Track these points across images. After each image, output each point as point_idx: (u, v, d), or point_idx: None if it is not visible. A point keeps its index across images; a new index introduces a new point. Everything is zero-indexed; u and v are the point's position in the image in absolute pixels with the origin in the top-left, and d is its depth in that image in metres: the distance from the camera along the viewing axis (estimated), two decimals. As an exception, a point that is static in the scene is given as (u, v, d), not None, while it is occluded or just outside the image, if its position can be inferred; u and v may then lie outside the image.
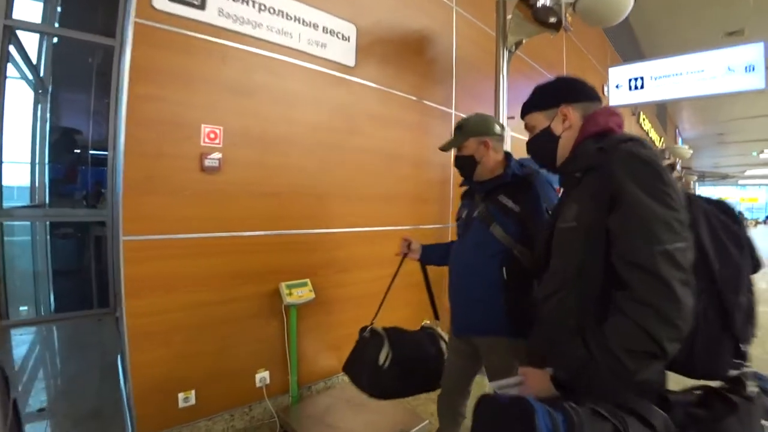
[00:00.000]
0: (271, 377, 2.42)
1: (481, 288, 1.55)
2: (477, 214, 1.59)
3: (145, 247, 1.95)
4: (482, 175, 1.62)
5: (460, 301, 1.66)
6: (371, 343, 1.86)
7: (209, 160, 2.11)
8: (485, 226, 1.53)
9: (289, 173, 2.47)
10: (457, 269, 1.67)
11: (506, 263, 1.49)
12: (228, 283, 2.22)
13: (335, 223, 2.73)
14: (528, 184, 1.52)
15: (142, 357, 1.96)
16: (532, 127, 1.20)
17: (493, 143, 1.60)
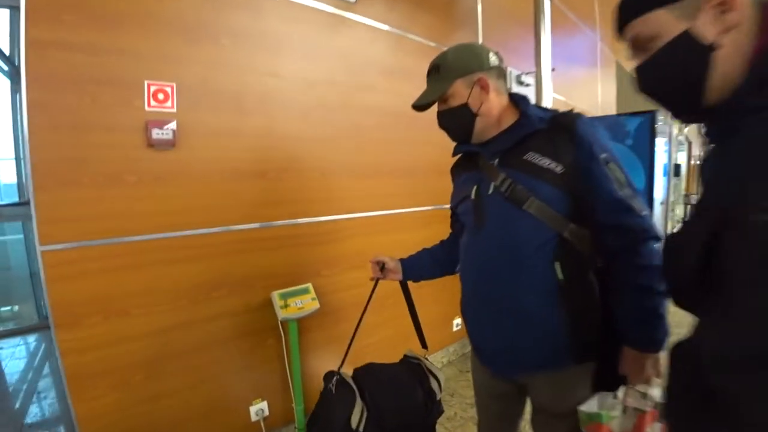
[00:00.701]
0: (271, 407, 1.90)
1: (524, 299, 1.01)
2: (495, 189, 1.03)
3: (73, 259, 1.39)
4: (486, 131, 1.07)
5: (488, 321, 1.10)
6: (340, 400, 1.39)
7: (159, 131, 1.52)
8: (515, 205, 0.99)
9: (277, 144, 1.86)
10: (478, 276, 1.11)
11: (559, 255, 0.97)
12: (200, 297, 1.66)
13: (341, 208, 2.13)
14: (567, 128, 0.97)
15: (89, 407, 1.45)
16: (650, 39, 0.61)
17: (492, 81, 1.04)
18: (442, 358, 2.84)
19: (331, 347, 2.13)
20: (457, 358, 2.99)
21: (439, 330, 2.77)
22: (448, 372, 2.79)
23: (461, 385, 2.61)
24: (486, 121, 1.05)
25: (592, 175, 0.94)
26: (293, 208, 1.93)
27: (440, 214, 2.67)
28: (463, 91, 1.03)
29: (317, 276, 2.03)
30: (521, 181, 0.98)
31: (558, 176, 0.94)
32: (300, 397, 1.89)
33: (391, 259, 1.41)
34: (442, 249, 1.38)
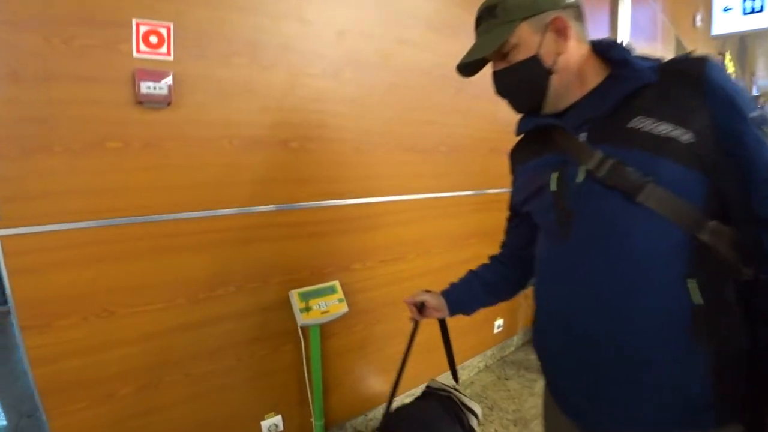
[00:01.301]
0: (286, 422, 1.62)
1: (641, 336, 0.68)
2: (587, 175, 0.70)
3: (41, 246, 1.09)
4: (565, 94, 0.75)
5: (581, 364, 0.76)
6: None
7: (150, 84, 1.18)
8: (623, 196, 0.66)
9: (301, 106, 1.49)
10: (568, 303, 0.76)
11: (695, 268, 0.64)
12: (202, 295, 1.35)
13: (376, 189, 1.76)
14: (692, 76, 0.65)
15: (67, 422, 1.18)
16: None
17: (572, 23, 0.73)
18: (479, 363, 2.51)
19: (358, 354, 1.82)
20: (495, 362, 2.65)
21: (477, 332, 2.43)
22: (485, 378, 2.46)
23: (501, 396, 2.28)
24: (564, 79, 0.72)
25: (740, 143, 0.61)
26: (318, 188, 1.57)
27: (489, 200, 2.28)
28: (531, 38, 0.71)
29: (346, 271, 1.69)
30: (630, 159, 0.65)
31: (685, 148, 0.62)
32: (320, 411, 1.60)
33: (432, 295, 1.10)
34: (495, 270, 1.06)
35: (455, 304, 1.08)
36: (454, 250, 2.13)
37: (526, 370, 2.55)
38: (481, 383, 2.40)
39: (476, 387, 2.36)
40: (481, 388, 2.35)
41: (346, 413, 1.82)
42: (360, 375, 1.84)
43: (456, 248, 2.14)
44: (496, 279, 1.05)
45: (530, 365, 2.62)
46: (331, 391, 1.73)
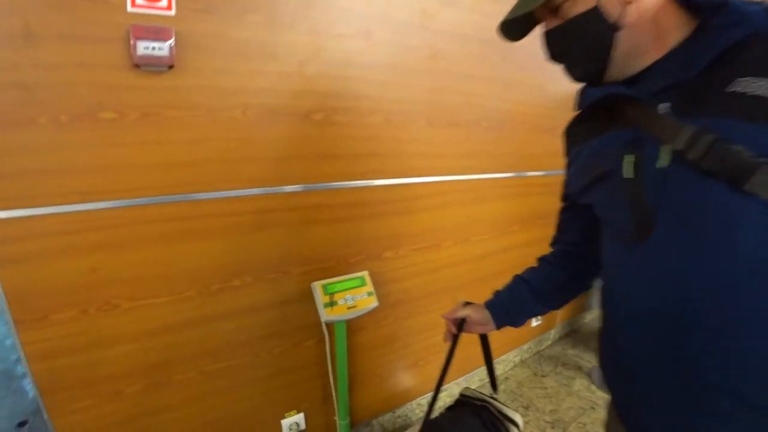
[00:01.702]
0: (309, 421, 1.50)
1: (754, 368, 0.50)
2: (675, 158, 0.53)
3: (30, 232, 0.96)
4: (637, 56, 0.57)
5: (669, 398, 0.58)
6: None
7: (148, 44, 0.99)
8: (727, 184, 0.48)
9: (327, 72, 1.28)
10: (649, 323, 0.59)
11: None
12: (215, 286, 1.21)
13: (412, 168, 1.54)
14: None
15: (71, 421, 1.09)
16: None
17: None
18: (515, 357, 2.33)
19: (387, 349, 1.66)
20: (531, 356, 2.46)
21: (516, 323, 2.23)
22: (521, 374, 2.28)
23: (537, 394, 2.10)
24: (636, 36, 0.55)
25: None
26: (345, 166, 1.37)
27: (534, 183, 2.02)
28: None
29: (376, 260, 1.51)
30: (734, 133, 0.47)
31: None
32: (345, 410, 1.46)
33: (475, 308, 0.93)
34: (547, 274, 0.89)
35: (502, 316, 0.91)
36: (495, 238, 1.90)
37: (563, 367, 2.35)
38: (516, 379, 2.23)
39: (511, 383, 2.18)
40: (516, 385, 2.17)
41: (372, 410, 1.69)
42: (388, 371, 1.69)
43: (497, 235, 1.91)
44: (548, 285, 0.88)
45: (567, 361, 2.41)
46: (356, 388, 1.60)
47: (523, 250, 2.05)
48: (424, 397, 1.86)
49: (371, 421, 1.70)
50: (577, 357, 2.46)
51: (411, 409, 1.82)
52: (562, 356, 2.47)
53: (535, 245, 2.10)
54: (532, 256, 0.96)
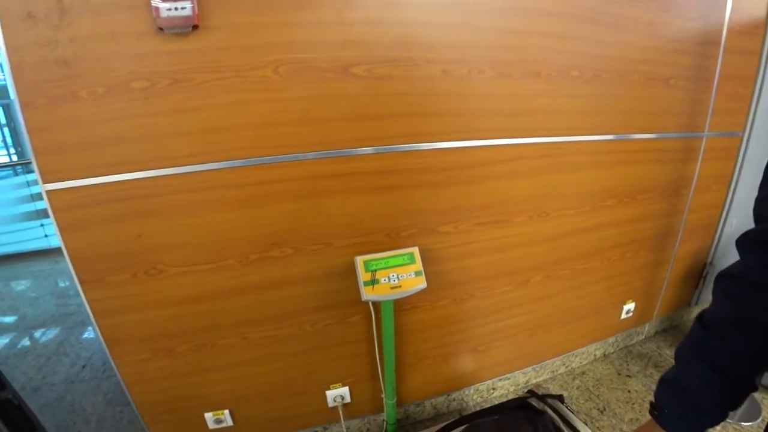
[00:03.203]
0: (354, 395, 1.48)
1: None
2: None
3: (84, 200, 1.02)
4: None
5: None
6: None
7: (169, 4, 0.93)
8: None
9: (371, 17, 1.10)
10: None
11: None
12: (253, 256, 1.18)
13: (475, 129, 1.31)
14: None
15: (135, 370, 1.20)
16: None
17: None
18: (596, 350, 2.00)
19: (443, 331, 1.52)
20: (616, 351, 2.09)
21: (602, 315, 1.89)
22: (601, 370, 1.95)
23: (617, 397, 1.78)
24: None
25: None
26: (395, 127, 1.21)
27: (638, 148, 1.61)
28: None
29: (431, 234, 1.35)
30: None
31: None
32: (392, 390, 1.40)
33: None
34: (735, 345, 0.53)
35: None
36: (582, 214, 1.58)
37: (655, 368, 1.96)
38: (594, 376, 1.92)
39: (587, 380, 1.89)
40: (594, 383, 1.86)
41: (425, 391, 1.61)
42: (444, 353, 1.57)
43: (585, 211, 1.59)
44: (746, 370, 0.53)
45: (661, 362, 2.00)
46: (407, 368, 1.52)
47: (620, 228, 1.68)
48: (483, 384, 1.71)
49: (423, 401, 1.62)
50: (680, 358, 2.03)
51: (468, 394, 1.69)
52: (655, 356, 2.06)
53: (635, 224, 1.71)
54: (630, 236, 0.71)
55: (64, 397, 1.81)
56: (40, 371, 2.01)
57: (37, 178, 0.99)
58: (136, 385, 1.22)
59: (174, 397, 1.27)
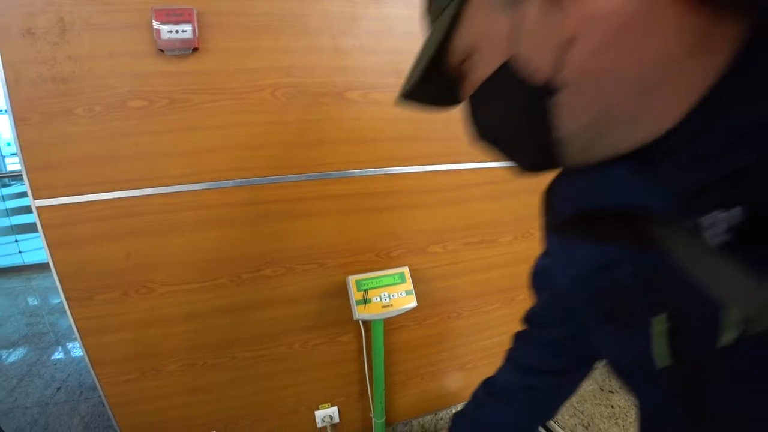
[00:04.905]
0: (343, 415, 1.47)
1: None
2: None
3: (76, 218, 1.01)
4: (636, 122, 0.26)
5: None
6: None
7: (171, 27, 0.95)
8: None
9: (363, 47, 1.14)
10: None
11: None
12: (245, 275, 1.18)
13: (463, 152, 1.35)
14: None
15: (120, 391, 1.18)
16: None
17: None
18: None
19: (431, 350, 1.54)
20: (599, 367, 2.14)
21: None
22: (585, 386, 1.98)
23: (601, 412, 1.81)
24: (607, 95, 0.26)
25: None
26: (387, 150, 1.24)
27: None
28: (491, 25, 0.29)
29: (420, 254, 1.38)
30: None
31: None
32: (381, 409, 1.40)
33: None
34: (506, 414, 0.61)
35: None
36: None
37: None
38: (578, 392, 1.95)
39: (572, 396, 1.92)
40: (578, 399, 1.90)
41: (413, 410, 1.61)
42: (432, 372, 1.58)
43: (569, 230, 1.65)
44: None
45: None
46: (396, 386, 1.52)
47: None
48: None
49: (411, 420, 1.62)
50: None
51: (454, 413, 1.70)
52: (645, 370, 2.12)
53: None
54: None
55: (38, 420, 1.74)
56: (11, 393, 1.92)
57: (27, 194, 0.98)
58: (121, 407, 1.19)
59: (160, 419, 1.24)
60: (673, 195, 0.26)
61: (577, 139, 0.29)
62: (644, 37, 0.24)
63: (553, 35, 0.26)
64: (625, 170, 0.28)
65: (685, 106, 0.25)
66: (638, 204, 0.28)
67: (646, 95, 0.26)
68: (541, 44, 0.27)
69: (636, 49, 0.24)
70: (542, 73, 0.27)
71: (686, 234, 0.25)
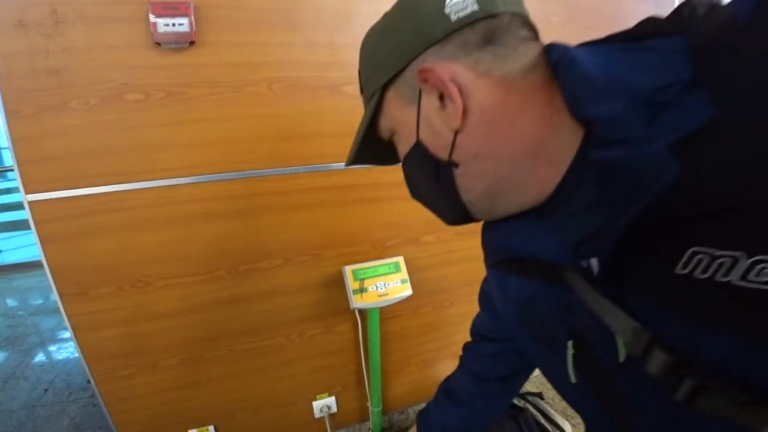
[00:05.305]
0: (340, 404, 1.49)
1: None
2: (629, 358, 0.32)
3: (70, 212, 1.00)
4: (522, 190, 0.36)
5: None
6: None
7: (168, 20, 0.95)
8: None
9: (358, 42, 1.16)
10: None
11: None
12: (243, 267, 1.19)
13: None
14: None
15: (115, 387, 1.17)
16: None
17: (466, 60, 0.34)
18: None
19: (426, 338, 1.57)
20: None
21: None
22: None
23: None
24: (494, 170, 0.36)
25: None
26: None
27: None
28: (403, 114, 0.40)
29: (414, 244, 1.41)
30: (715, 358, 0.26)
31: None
32: (378, 398, 1.42)
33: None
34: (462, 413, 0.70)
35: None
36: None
37: None
38: None
39: None
40: None
41: (408, 398, 1.64)
42: (427, 360, 1.62)
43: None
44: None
45: None
46: (391, 375, 1.55)
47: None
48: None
49: (407, 408, 1.65)
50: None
51: (450, 399, 1.74)
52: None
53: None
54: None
55: (25, 423, 1.70)
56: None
57: (19, 189, 0.97)
58: (117, 404, 1.18)
59: (156, 414, 1.24)
60: (565, 244, 0.33)
61: (478, 204, 0.38)
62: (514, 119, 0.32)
63: (444, 125, 0.35)
64: (531, 225, 0.37)
65: (555, 178, 0.33)
66: (542, 253, 0.37)
67: (525, 166, 0.34)
68: (437, 131, 0.36)
69: (509, 129, 0.33)
70: (441, 154, 0.36)
71: (579, 275, 0.33)
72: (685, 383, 0.26)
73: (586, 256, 0.32)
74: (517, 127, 0.33)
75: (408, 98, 0.37)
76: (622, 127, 0.26)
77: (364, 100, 0.44)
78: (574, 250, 0.33)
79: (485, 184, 0.36)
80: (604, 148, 0.27)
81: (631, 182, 0.26)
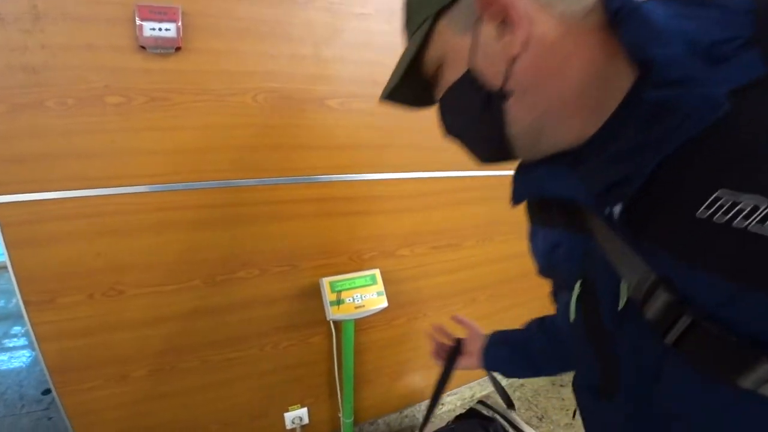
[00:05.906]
0: (312, 416, 1.49)
1: None
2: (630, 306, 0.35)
3: (39, 216, 0.96)
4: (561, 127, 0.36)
5: None
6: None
7: (154, 25, 0.94)
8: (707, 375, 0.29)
9: (344, 57, 1.19)
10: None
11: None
12: (220, 276, 1.18)
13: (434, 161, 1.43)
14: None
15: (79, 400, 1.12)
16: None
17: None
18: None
19: (397, 349, 1.60)
20: None
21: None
22: (539, 381, 2.13)
23: (553, 405, 1.97)
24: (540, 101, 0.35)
25: None
26: (363, 157, 1.29)
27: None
28: (456, 42, 0.38)
29: (390, 257, 1.44)
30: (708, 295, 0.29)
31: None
32: (350, 409, 1.43)
33: (477, 334, 0.83)
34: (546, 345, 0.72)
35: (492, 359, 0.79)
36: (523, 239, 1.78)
37: None
38: (532, 387, 2.10)
39: (526, 390, 2.06)
40: (533, 393, 2.05)
41: (379, 409, 1.66)
42: (398, 371, 1.64)
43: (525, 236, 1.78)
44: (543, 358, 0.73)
45: None
46: (363, 386, 1.56)
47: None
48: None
49: (377, 420, 1.66)
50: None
51: (419, 410, 1.76)
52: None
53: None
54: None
55: (-30, 438, 1.59)
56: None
57: (-15, 191, 0.92)
58: (80, 417, 1.13)
59: (124, 428, 1.19)
60: (592, 190, 0.34)
61: (522, 138, 0.38)
62: (568, 58, 0.33)
63: (502, 53, 0.34)
64: (566, 169, 0.37)
65: (597, 122, 0.34)
66: (571, 196, 0.37)
67: (571, 106, 0.34)
68: (493, 59, 0.35)
69: (562, 66, 0.33)
70: (493, 83, 0.35)
71: (601, 220, 0.35)
72: (680, 322, 0.29)
73: (611, 203, 0.34)
74: (570, 65, 0.33)
75: (462, 26, 0.36)
76: (683, 69, 0.27)
77: (409, 31, 0.42)
78: (601, 196, 0.34)
79: (533, 116, 0.36)
80: (662, 88, 0.28)
81: (677, 123, 0.27)
